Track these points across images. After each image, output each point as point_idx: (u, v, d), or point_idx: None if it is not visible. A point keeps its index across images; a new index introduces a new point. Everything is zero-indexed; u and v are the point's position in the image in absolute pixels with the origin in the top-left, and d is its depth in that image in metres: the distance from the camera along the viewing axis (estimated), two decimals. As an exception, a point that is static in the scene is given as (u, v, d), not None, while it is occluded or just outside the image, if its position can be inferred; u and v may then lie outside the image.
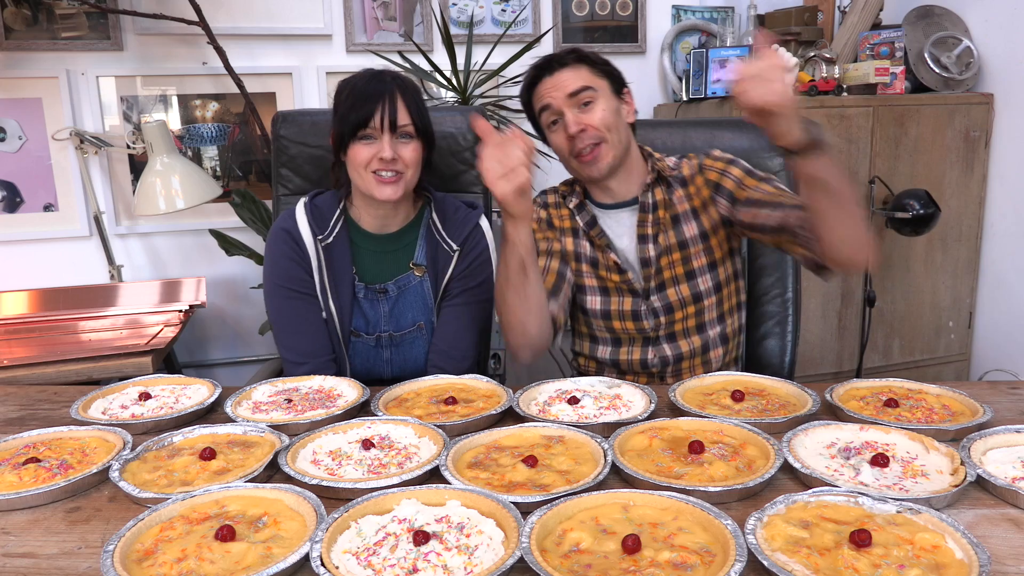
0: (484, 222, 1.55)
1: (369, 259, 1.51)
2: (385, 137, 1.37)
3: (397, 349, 1.53)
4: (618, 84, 1.47)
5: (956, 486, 0.89)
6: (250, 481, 0.97)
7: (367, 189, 1.41)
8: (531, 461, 0.98)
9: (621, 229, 1.51)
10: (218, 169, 2.72)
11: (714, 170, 1.48)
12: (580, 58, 1.43)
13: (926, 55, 2.69)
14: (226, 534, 0.82)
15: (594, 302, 1.53)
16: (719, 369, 1.53)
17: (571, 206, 1.53)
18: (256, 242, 2.58)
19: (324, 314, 1.49)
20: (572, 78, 1.40)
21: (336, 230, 1.49)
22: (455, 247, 1.50)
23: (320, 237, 1.47)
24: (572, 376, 1.42)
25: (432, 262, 1.52)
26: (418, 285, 1.51)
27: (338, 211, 1.50)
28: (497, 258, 1.49)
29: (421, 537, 0.79)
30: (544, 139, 1.51)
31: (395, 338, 1.52)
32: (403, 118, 1.38)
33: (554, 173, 1.64)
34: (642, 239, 1.48)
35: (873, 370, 2.75)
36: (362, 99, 1.37)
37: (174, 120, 2.65)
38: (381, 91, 1.37)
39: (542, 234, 1.53)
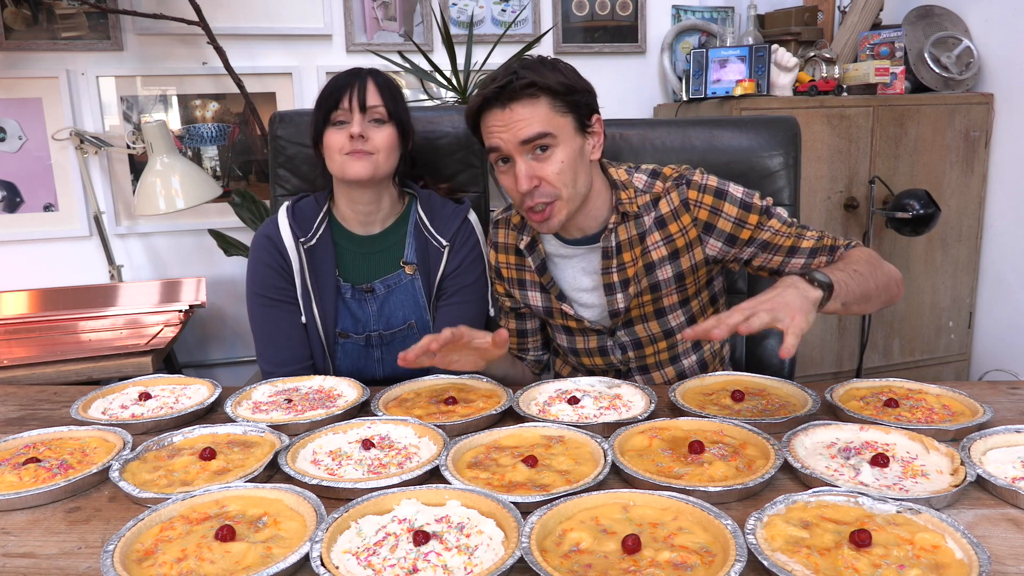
0: (473, 216, 1.54)
1: (354, 260, 1.51)
2: (355, 116, 1.38)
3: (388, 348, 1.53)
4: (585, 113, 1.24)
5: (956, 486, 0.89)
6: (250, 481, 0.97)
7: (340, 172, 1.41)
8: (531, 461, 0.98)
9: (578, 269, 1.38)
10: (218, 169, 2.72)
11: (703, 207, 1.29)
12: (540, 89, 1.18)
13: (926, 55, 2.69)
14: (226, 534, 0.82)
15: (561, 339, 1.52)
16: None
17: (522, 246, 1.38)
18: (256, 242, 2.58)
19: (306, 318, 1.49)
20: (527, 119, 1.18)
21: (320, 232, 1.48)
22: (445, 242, 1.49)
23: (303, 240, 1.47)
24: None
25: (423, 260, 1.51)
26: (408, 284, 1.51)
27: (322, 213, 1.50)
28: (488, 252, 1.51)
29: (421, 537, 0.79)
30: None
31: (385, 337, 1.52)
32: (373, 99, 1.39)
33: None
34: (609, 288, 1.35)
35: (873, 370, 2.75)
36: (334, 85, 1.40)
37: (174, 120, 2.65)
38: (354, 75, 1.41)
39: (499, 284, 1.49)
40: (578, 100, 1.23)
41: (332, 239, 1.50)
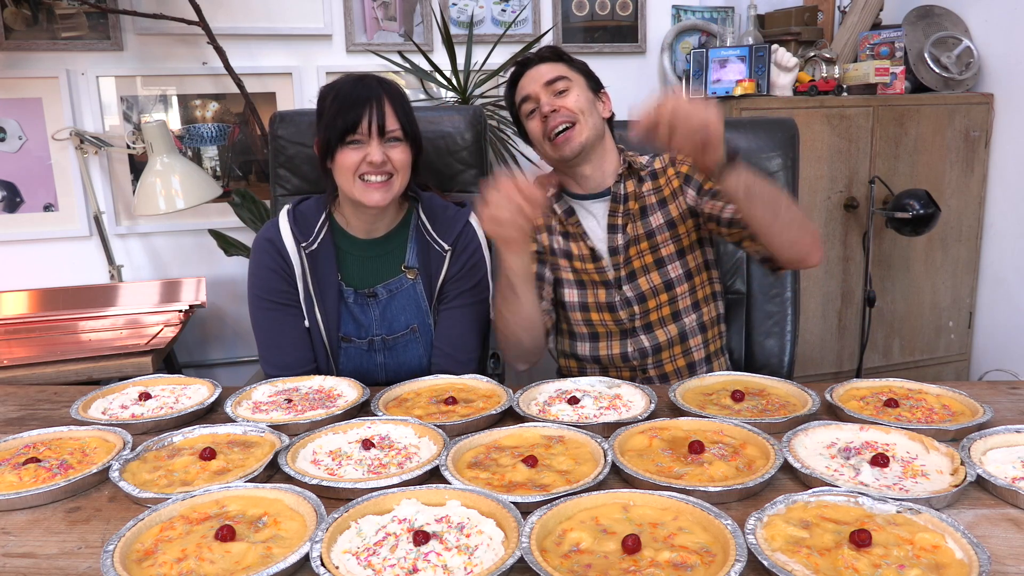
0: (474, 219, 1.53)
1: (356, 264, 1.50)
2: (374, 141, 1.36)
3: (391, 352, 1.52)
4: (595, 83, 1.54)
5: (956, 486, 0.89)
6: (250, 481, 0.97)
7: (355, 195, 1.39)
8: (531, 461, 0.98)
9: (593, 220, 1.55)
10: (218, 169, 2.72)
11: (686, 163, 1.52)
12: (558, 55, 1.53)
13: (926, 55, 2.69)
14: (226, 534, 0.82)
15: (571, 295, 1.56)
16: (703, 359, 1.56)
17: (549, 194, 1.56)
18: (256, 242, 2.58)
19: (308, 322, 1.48)
20: (550, 69, 1.49)
21: (321, 236, 1.47)
22: (447, 247, 1.49)
23: (304, 244, 1.46)
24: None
25: (424, 264, 1.50)
26: (410, 288, 1.50)
27: (323, 217, 1.49)
28: (491, 256, 1.52)
29: (421, 537, 0.79)
30: (525, 137, 1.57)
31: (388, 341, 1.51)
32: (391, 123, 1.37)
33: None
34: (612, 228, 1.52)
35: (873, 370, 2.75)
36: (349, 103, 1.36)
37: (174, 120, 2.65)
38: (368, 95, 1.36)
39: None
40: (588, 71, 1.54)
41: (334, 243, 1.49)
